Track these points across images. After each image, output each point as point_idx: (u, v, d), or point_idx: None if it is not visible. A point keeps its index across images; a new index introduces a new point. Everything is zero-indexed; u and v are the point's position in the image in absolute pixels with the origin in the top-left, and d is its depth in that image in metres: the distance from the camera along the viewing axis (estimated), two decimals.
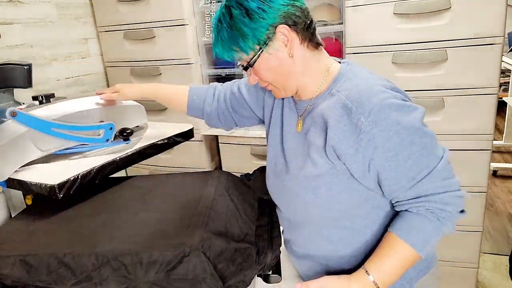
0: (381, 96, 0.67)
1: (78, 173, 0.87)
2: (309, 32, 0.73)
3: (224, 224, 0.80)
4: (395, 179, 0.69)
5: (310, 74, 0.76)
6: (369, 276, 0.69)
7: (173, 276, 0.68)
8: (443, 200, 0.68)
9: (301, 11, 0.71)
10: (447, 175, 0.70)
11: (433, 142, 0.70)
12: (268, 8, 0.68)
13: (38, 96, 1.02)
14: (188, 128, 1.18)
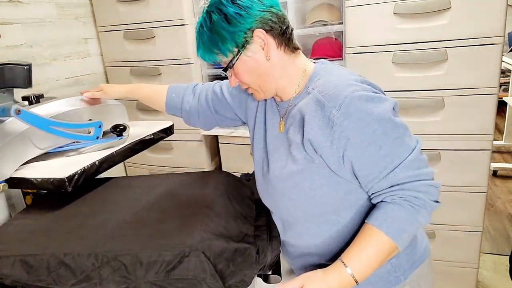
0: (351, 88, 0.70)
1: (83, 166, 0.91)
2: (285, 37, 0.77)
3: (224, 224, 0.80)
4: (368, 169, 0.71)
5: (287, 76, 0.79)
6: (347, 268, 0.69)
7: (173, 276, 0.68)
8: (416, 188, 0.70)
9: (277, 17, 0.75)
10: (420, 165, 0.71)
11: (405, 132, 0.71)
12: (246, 14, 0.72)
13: (29, 96, 1.05)
14: (169, 124, 1.25)
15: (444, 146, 1.52)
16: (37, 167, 0.94)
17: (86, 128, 1.04)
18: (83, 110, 1.07)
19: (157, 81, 1.84)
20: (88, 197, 0.98)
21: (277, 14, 0.75)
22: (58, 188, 0.86)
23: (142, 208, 0.89)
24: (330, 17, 1.60)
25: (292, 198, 0.78)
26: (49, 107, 1.00)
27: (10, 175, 0.91)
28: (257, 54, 0.75)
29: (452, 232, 1.61)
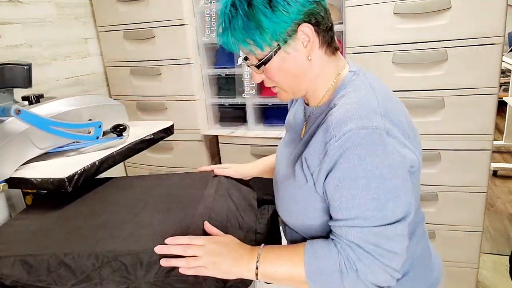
0: (360, 123, 0.59)
1: (83, 166, 0.91)
2: (329, 35, 0.68)
3: (224, 224, 0.80)
4: (333, 209, 0.64)
5: (322, 79, 0.70)
6: (257, 262, 0.65)
7: (173, 276, 0.68)
8: (364, 259, 0.60)
9: (324, 12, 0.66)
10: (386, 244, 0.59)
11: (393, 198, 0.59)
12: (294, 2, 0.62)
13: (29, 96, 1.05)
14: (169, 124, 1.24)
15: (444, 146, 1.52)
16: (37, 167, 0.94)
17: (86, 128, 1.04)
18: (83, 110, 1.07)
19: (157, 81, 1.84)
20: (88, 197, 0.98)
21: (325, 8, 0.66)
22: (58, 188, 0.86)
23: (142, 208, 0.89)
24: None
25: (289, 210, 0.74)
26: (49, 107, 1.00)
27: (10, 175, 0.91)
28: (298, 52, 0.66)
29: (452, 232, 1.61)
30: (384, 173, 0.58)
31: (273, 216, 0.97)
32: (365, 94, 0.65)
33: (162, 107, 1.88)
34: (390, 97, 0.68)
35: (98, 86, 1.95)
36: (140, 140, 1.12)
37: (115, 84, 1.97)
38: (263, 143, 1.79)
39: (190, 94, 1.81)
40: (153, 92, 1.87)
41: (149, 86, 1.87)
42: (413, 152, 0.62)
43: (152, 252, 0.69)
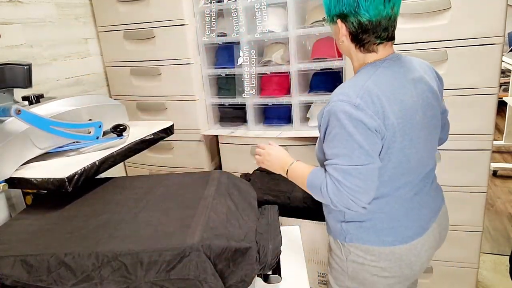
0: (341, 97, 0.85)
1: (83, 166, 0.91)
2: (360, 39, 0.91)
3: (224, 224, 0.80)
4: (325, 152, 0.90)
5: (352, 60, 0.98)
6: (288, 170, 1.00)
7: (174, 276, 0.68)
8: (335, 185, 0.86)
9: (358, 23, 0.89)
10: (351, 179, 0.84)
11: (357, 149, 0.83)
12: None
13: (29, 96, 1.04)
14: (169, 124, 1.25)
15: (444, 146, 1.51)
16: (37, 167, 0.94)
17: (86, 128, 1.05)
18: (83, 110, 1.07)
19: (156, 81, 1.84)
20: (88, 197, 0.98)
21: (360, 21, 0.88)
22: (58, 188, 0.86)
23: (143, 208, 0.89)
24: None
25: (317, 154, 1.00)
26: (49, 107, 1.00)
27: (10, 175, 0.91)
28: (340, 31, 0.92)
29: (452, 232, 1.61)
30: (351, 131, 0.82)
31: (273, 216, 0.98)
32: (359, 79, 0.88)
33: (162, 107, 1.88)
34: (386, 86, 0.87)
35: (98, 86, 1.96)
36: (140, 140, 1.12)
37: (115, 84, 1.97)
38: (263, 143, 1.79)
39: (190, 94, 1.81)
40: (153, 92, 1.87)
41: (149, 86, 1.87)
42: (377, 122, 0.83)
43: (152, 252, 0.69)
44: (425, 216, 0.98)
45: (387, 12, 0.88)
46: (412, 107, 0.88)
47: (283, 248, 0.87)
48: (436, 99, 0.96)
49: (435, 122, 0.98)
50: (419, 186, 0.96)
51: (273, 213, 1.00)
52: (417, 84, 0.91)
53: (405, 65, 0.93)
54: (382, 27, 0.88)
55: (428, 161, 0.98)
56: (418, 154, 0.92)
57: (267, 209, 1.02)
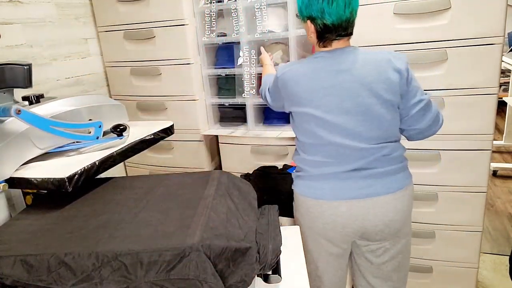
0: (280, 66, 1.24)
1: (83, 166, 0.91)
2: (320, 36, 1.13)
3: (225, 224, 0.80)
4: None
5: None
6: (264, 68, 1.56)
7: (174, 276, 0.68)
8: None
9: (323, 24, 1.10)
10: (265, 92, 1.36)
11: (270, 86, 1.31)
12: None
13: (29, 96, 1.04)
14: (169, 124, 1.25)
15: (444, 146, 1.52)
16: (37, 167, 0.94)
17: (86, 128, 1.05)
18: (83, 110, 1.07)
19: (157, 81, 1.84)
20: (89, 197, 0.98)
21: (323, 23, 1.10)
22: (59, 188, 0.86)
23: (143, 208, 0.89)
24: None
25: None
26: (49, 107, 1.00)
27: (10, 175, 0.91)
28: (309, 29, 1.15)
29: (452, 232, 1.61)
30: (273, 81, 1.26)
31: (273, 216, 0.98)
32: (292, 62, 1.33)
33: (162, 107, 1.88)
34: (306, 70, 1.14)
35: (98, 86, 1.96)
36: (140, 140, 1.12)
37: (115, 84, 1.97)
38: (263, 143, 1.79)
39: (190, 94, 1.82)
40: (153, 92, 1.87)
41: (149, 86, 1.87)
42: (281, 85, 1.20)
43: (152, 252, 0.69)
44: (343, 188, 1.13)
45: (346, 16, 1.06)
46: (327, 90, 1.09)
47: (283, 248, 0.88)
48: (367, 90, 1.07)
49: (363, 110, 1.08)
50: (339, 160, 1.12)
51: (273, 213, 1.00)
52: (339, 74, 1.08)
53: (338, 58, 1.11)
54: (342, 27, 1.09)
55: (351, 143, 1.10)
56: (333, 133, 1.10)
57: (267, 209, 1.02)
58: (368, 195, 1.11)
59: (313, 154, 1.17)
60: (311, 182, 1.18)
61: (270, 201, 1.45)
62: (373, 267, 1.23)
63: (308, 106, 1.11)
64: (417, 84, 1.12)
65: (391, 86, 1.07)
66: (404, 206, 1.15)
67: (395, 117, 1.11)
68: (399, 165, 1.15)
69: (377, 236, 1.16)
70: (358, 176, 1.12)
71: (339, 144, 1.11)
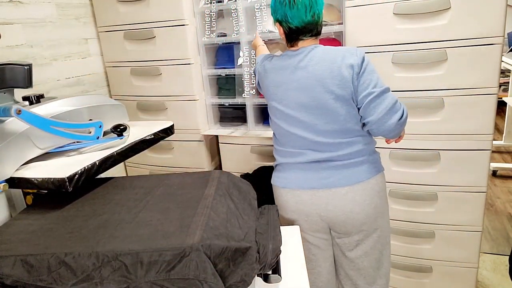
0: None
1: (84, 166, 0.91)
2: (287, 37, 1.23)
3: (225, 224, 0.80)
4: None
5: None
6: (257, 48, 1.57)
7: (174, 276, 0.68)
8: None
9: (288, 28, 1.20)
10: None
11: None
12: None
13: (29, 96, 1.04)
14: (170, 124, 1.26)
15: (444, 146, 1.52)
16: (38, 167, 0.94)
17: (86, 128, 1.05)
18: (83, 110, 1.07)
19: (157, 81, 1.84)
20: (89, 197, 0.98)
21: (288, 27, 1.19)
22: (59, 188, 0.86)
23: (143, 208, 0.89)
24: (330, 17, 1.60)
25: None
26: (50, 107, 1.00)
27: (11, 175, 0.91)
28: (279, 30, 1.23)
29: (452, 232, 1.61)
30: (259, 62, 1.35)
31: (273, 216, 0.98)
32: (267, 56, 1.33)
33: (162, 107, 1.88)
34: (272, 66, 1.25)
35: (99, 86, 1.96)
36: (140, 140, 1.13)
37: (115, 84, 1.97)
38: (263, 143, 1.79)
39: (190, 94, 1.82)
40: (153, 92, 1.87)
41: (149, 86, 1.87)
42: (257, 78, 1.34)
43: (152, 252, 0.69)
44: (306, 178, 1.21)
45: (308, 19, 1.13)
46: (287, 85, 1.18)
47: (283, 248, 0.88)
48: (321, 86, 1.12)
49: (317, 104, 1.14)
50: (304, 150, 1.20)
51: (273, 213, 1.00)
52: (297, 71, 1.16)
53: (298, 56, 1.17)
54: (306, 29, 1.15)
55: (309, 136, 1.17)
56: (293, 126, 1.18)
57: (267, 209, 1.02)
58: (327, 186, 1.18)
59: (282, 144, 1.26)
60: (280, 172, 1.28)
61: (270, 201, 1.45)
62: (347, 260, 1.27)
63: (274, 99, 1.22)
64: (370, 77, 1.10)
65: (343, 82, 1.10)
66: (366, 199, 1.17)
67: (350, 111, 1.13)
68: (361, 158, 1.17)
69: (343, 228, 1.22)
70: (319, 167, 1.19)
71: (299, 136, 1.19)
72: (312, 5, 1.12)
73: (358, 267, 1.26)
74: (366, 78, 1.10)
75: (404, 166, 1.58)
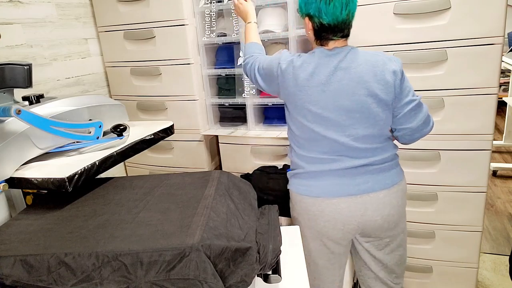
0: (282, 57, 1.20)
1: (84, 166, 0.91)
2: (319, 34, 1.15)
3: (225, 224, 0.80)
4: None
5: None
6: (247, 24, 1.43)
7: (174, 276, 0.68)
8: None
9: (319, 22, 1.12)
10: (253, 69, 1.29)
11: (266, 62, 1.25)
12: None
13: (29, 96, 1.04)
14: (169, 124, 1.26)
15: (444, 146, 1.52)
16: (37, 167, 0.94)
17: (86, 128, 1.05)
18: (83, 110, 1.07)
19: (157, 81, 1.84)
20: (89, 197, 0.98)
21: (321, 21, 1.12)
22: (59, 188, 0.86)
23: (143, 208, 0.89)
24: None
25: None
26: (50, 107, 1.00)
27: (11, 175, 0.91)
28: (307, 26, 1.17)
29: (452, 232, 1.61)
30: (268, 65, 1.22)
31: (273, 216, 0.98)
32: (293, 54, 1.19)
33: (162, 107, 1.88)
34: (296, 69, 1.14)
35: (98, 86, 1.96)
36: (140, 140, 1.13)
37: (115, 84, 1.97)
38: (263, 143, 1.79)
39: (190, 94, 1.82)
40: (153, 92, 1.87)
41: (149, 86, 1.87)
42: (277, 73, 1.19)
43: (152, 252, 0.69)
44: (341, 184, 1.15)
45: (343, 17, 1.09)
46: (324, 87, 1.10)
47: (283, 248, 0.88)
48: (364, 89, 1.09)
49: (359, 108, 1.10)
50: (336, 156, 1.14)
51: (273, 213, 1.00)
52: (337, 71, 1.10)
53: (337, 56, 1.12)
54: (338, 28, 1.11)
55: (346, 140, 1.12)
56: (329, 129, 1.12)
57: (267, 209, 1.02)
58: (365, 191, 1.14)
59: (309, 150, 1.17)
60: (309, 180, 1.19)
61: (270, 201, 1.45)
62: (376, 260, 1.27)
63: (306, 100, 1.12)
64: (409, 85, 1.15)
65: (386, 86, 1.09)
66: (399, 201, 1.19)
67: (388, 116, 1.14)
68: (391, 162, 1.18)
69: (377, 232, 1.19)
70: (355, 173, 1.14)
71: (334, 140, 1.12)
72: (348, 3, 1.09)
73: (386, 266, 1.26)
74: (406, 85, 1.13)
75: (404, 166, 1.57)
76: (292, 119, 1.20)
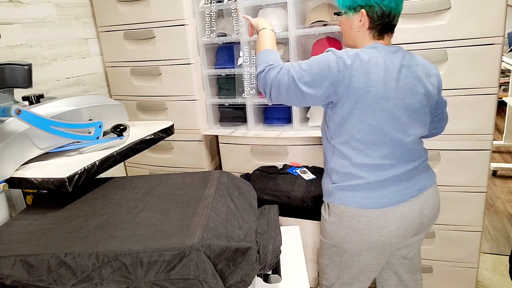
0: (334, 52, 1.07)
1: (84, 166, 0.91)
2: (379, 27, 1.08)
3: (225, 224, 0.80)
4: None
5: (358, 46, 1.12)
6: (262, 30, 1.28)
7: (174, 276, 0.68)
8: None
9: (381, 11, 1.06)
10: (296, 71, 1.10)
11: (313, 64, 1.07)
12: None
13: (29, 96, 1.05)
14: (169, 124, 1.26)
15: (444, 146, 1.52)
16: (38, 167, 0.94)
17: (86, 128, 1.05)
18: (83, 110, 1.07)
19: (157, 81, 1.84)
20: (89, 197, 0.98)
21: (383, 10, 1.05)
22: (59, 188, 0.86)
23: (143, 208, 0.89)
24: (330, 17, 1.60)
25: None
26: (50, 107, 1.01)
27: (11, 175, 0.91)
28: (353, 22, 1.09)
29: (452, 232, 1.61)
30: (326, 66, 1.04)
31: (273, 216, 0.98)
32: (352, 50, 1.06)
33: (162, 107, 1.88)
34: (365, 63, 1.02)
35: (98, 86, 1.96)
36: (140, 140, 1.13)
37: (115, 84, 1.97)
38: (263, 143, 1.79)
39: (190, 94, 1.82)
40: (153, 92, 1.87)
41: (149, 86, 1.87)
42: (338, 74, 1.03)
43: (152, 252, 0.69)
44: (402, 189, 1.08)
45: (399, 8, 1.09)
46: (394, 83, 1.02)
47: (283, 248, 0.88)
48: (423, 88, 1.07)
49: (418, 107, 1.07)
50: (396, 160, 1.07)
51: (273, 213, 1.00)
52: (402, 68, 1.04)
53: (396, 53, 1.06)
54: (395, 20, 1.09)
55: (405, 139, 1.07)
56: (398, 129, 1.05)
57: (267, 209, 1.02)
58: (420, 190, 1.12)
59: (368, 156, 1.06)
60: (372, 192, 1.07)
61: (270, 201, 1.45)
62: (406, 262, 1.25)
63: (379, 97, 1.01)
64: None
65: (434, 88, 1.12)
66: (439, 194, 1.21)
67: (429, 116, 1.17)
68: (426, 160, 1.20)
69: (427, 228, 1.19)
70: (410, 174, 1.11)
71: (398, 141, 1.06)
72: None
73: (412, 264, 1.26)
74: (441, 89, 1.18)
75: None
76: (355, 123, 1.05)
